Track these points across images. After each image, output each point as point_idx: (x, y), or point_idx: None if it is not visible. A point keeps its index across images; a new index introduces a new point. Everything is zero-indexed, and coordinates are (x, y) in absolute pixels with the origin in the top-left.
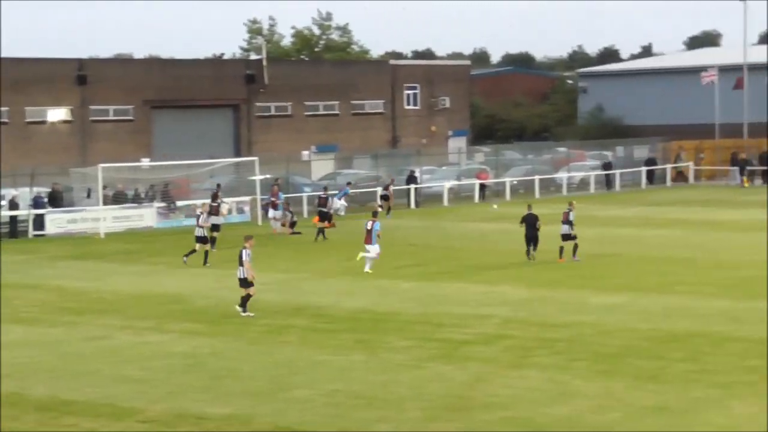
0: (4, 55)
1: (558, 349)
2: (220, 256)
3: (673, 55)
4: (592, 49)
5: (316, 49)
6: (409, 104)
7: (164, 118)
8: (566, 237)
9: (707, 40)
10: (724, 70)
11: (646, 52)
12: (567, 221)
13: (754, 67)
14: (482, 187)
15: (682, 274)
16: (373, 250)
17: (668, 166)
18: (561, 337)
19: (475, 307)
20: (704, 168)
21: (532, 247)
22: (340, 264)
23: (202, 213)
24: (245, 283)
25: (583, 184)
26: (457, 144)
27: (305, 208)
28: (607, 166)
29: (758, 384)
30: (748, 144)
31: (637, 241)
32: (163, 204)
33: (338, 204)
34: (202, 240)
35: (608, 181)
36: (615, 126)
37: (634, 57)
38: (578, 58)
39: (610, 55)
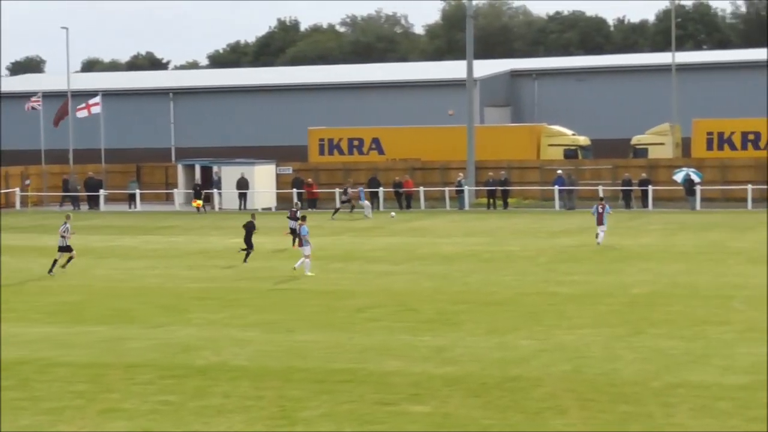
0: None
1: None
2: None
3: None
4: None
5: None
6: None
7: None
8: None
9: (31, 65)
10: (49, 96)
11: None
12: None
13: (50, 95)
14: None
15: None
16: (305, 251)
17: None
18: None
19: None
20: (31, 194)
21: (248, 250)
22: None
23: None
24: (68, 249)
25: None
26: None
27: None
28: None
29: (86, 407)
30: (75, 170)
31: None
32: None
33: None
34: None
35: None
36: None
37: None
38: None
39: None
